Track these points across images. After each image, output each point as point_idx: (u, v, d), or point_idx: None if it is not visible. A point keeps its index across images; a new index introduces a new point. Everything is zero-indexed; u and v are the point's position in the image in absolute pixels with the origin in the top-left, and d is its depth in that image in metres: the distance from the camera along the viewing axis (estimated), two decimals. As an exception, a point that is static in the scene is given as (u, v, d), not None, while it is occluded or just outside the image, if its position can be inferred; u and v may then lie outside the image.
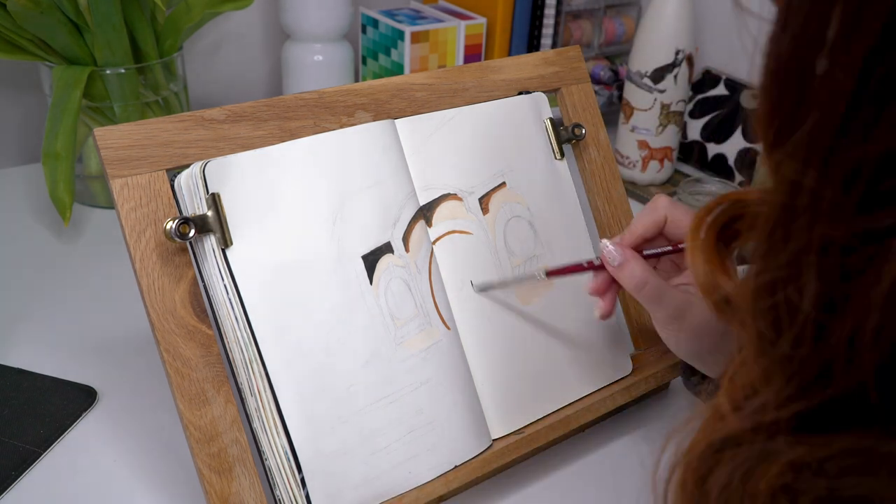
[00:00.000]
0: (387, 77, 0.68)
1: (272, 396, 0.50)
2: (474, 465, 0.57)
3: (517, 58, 0.68)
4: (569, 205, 0.67)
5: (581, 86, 0.70)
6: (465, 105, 0.63)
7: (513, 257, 0.62)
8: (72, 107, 0.81)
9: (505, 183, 0.63)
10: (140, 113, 0.91)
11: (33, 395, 0.66)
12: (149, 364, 0.68)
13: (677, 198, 0.92)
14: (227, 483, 0.50)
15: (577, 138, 0.68)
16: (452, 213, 0.60)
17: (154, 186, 0.50)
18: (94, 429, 0.64)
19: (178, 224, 0.49)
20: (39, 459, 0.60)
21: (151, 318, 0.50)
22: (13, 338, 0.73)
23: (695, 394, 0.59)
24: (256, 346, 0.50)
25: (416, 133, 0.60)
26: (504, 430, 0.60)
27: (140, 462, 0.61)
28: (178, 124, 0.52)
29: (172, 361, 0.50)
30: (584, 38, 1.20)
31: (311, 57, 1.07)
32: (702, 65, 1.20)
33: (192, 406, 0.50)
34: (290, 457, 0.51)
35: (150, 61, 0.90)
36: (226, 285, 0.50)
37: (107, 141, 0.49)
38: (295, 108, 0.56)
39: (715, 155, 1.12)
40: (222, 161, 0.51)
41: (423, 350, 0.56)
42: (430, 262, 0.58)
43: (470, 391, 0.58)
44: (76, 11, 0.82)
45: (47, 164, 0.80)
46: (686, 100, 1.06)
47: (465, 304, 0.59)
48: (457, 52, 1.11)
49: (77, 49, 0.85)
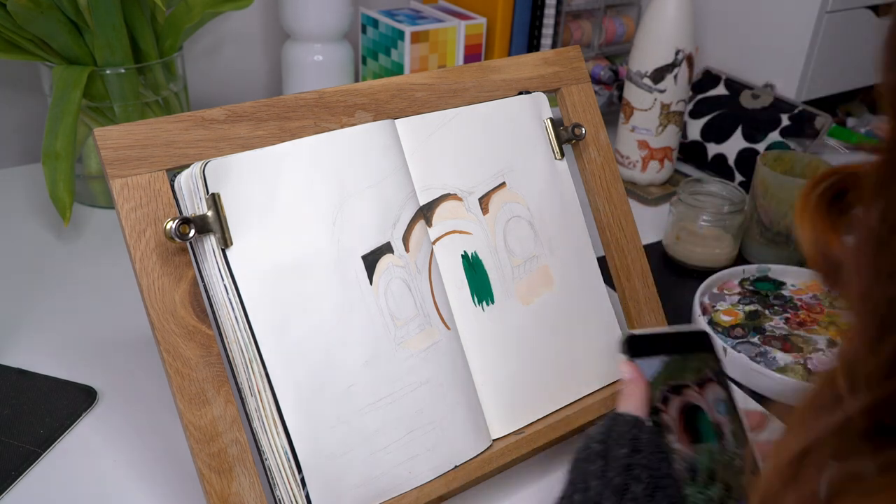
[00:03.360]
0: (387, 77, 0.68)
1: (272, 396, 0.50)
2: (474, 465, 0.57)
3: (517, 58, 0.68)
4: (569, 205, 0.67)
5: (581, 86, 0.70)
6: (465, 105, 0.63)
7: (513, 257, 0.62)
8: (72, 107, 0.81)
9: (505, 183, 0.63)
10: (140, 113, 0.91)
11: (33, 395, 0.66)
12: (149, 364, 0.68)
13: (677, 198, 0.92)
14: (227, 483, 0.50)
15: (577, 138, 0.68)
16: (452, 213, 0.60)
17: (154, 186, 0.50)
18: (94, 429, 0.64)
19: (178, 224, 0.49)
20: (39, 459, 0.60)
21: (151, 318, 0.50)
22: (13, 338, 0.73)
23: None
24: (256, 346, 0.50)
25: (416, 133, 0.60)
26: (504, 430, 0.60)
27: (140, 462, 0.61)
28: (178, 124, 0.52)
29: (172, 361, 0.50)
30: (584, 38, 1.20)
31: (311, 57, 1.07)
32: (702, 65, 1.20)
33: (192, 406, 0.50)
34: (290, 457, 0.51)
35: (150, 61, 0.90)
36: (226, 285, 0.50)
37: (107, 141, 0.49)
38: (295, 108, 0.56)
39: (715, 155, 1.12)
40: (222, 161, 0.51)
41: (423, 350, 0.56)
42: (430, 262, 0.58)
43: (470, 391, 0.58)
44: (76, 11, 0.82)
45: (47, 164, 0.81)
46: (686, 100, 1.06)
47: (465, 304, 0.59)
48: (457, 52, 1.11)
49: (77, 49, 0.85)
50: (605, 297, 0.67)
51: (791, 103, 1.09)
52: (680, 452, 0.52)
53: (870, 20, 1.11)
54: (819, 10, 1.06)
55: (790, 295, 0.85)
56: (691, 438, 0.53)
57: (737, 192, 0.92)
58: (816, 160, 0.93)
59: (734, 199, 0.92)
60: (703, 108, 1.14)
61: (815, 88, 1.13)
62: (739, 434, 0.55)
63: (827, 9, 1.07)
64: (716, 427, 0.55)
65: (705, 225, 0.90)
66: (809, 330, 0.79)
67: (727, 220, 0.90)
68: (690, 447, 0.53)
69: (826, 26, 1.07)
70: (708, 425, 0.55)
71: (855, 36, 1.11)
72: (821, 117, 1.06)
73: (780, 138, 1.06)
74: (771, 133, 1.07)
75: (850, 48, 1.12)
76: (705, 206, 0.91)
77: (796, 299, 0.84)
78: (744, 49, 1.16)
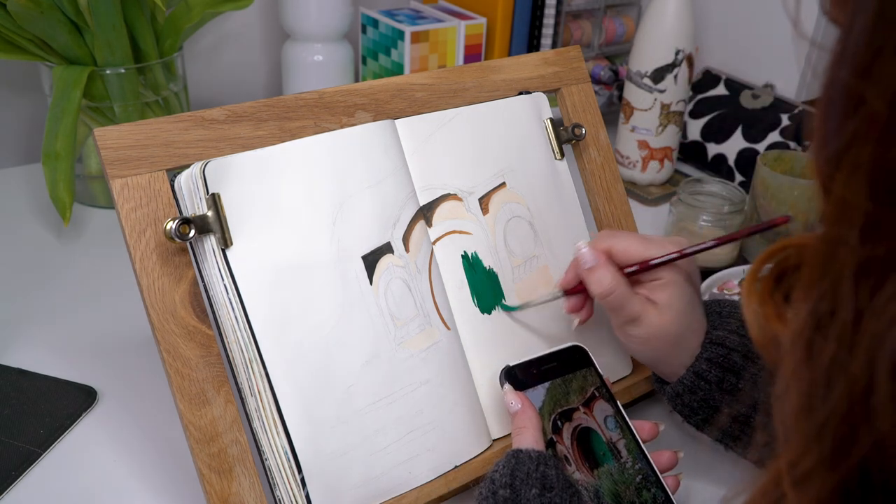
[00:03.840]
0: (387, 77, 0.68)
1: (272, 396, 0.50)
2: (474, 465, 0.57)
3: (517, 58, 0.68)
4: (569, 205, 0.67)
5: (581, 86, 0.70)
6: (465, 105, 0.63)
7: (513, 257, 0.62)
8: (72, 107, 0.81)
9: (505, 183, 0.63)
10: (140, 113, 0.91)
11: (33, 395, 0.66)
12: (149, 364, 0.68)
13: (677, 198, 0.92)
14: (227, 483, 0.50)
15: (577, 138, 0.68)
16: (452, 214, 0.60)
17: (154, 186, 0.50)
18: (94, 429, 0.64)
19: (178, 224, 0.49)
20: (39, 459, 0.60)
21: (151, 318, 0.50)
22: (13, 338, 0.73)
23: (659, 391, 0.61)
24: (256, 347, 0.50)
25: (416, 133, 0.60)
26: (504, 430, 0.60)
27: (140, 462, 0.61)
28: (178, 124, 0.52)
29: (172, 361, 0.50)
30: (584, 38, 1.20)
31: (311, 57, 1.07)
32: (702, 65, 1.20)
33: (192, 406, 0.50)
34: (290, 457, 0.51)
35: (150, 61, 0.90)
36: (226, 285, 0.50)
37: (107, 141, 0.49)
38: (295, 108, 0.56)
39: (715, 155, 1.12)
40: (222, 161, 0.51)
41: (423, 350, 0.56)
42: (430, 262, 0.58)
43: (470, 391, 0.58)
44: (76, 11, 0.82)
45: (47, 164, 0.80)
46: (686, 100, 1.06)
47: (465, 304, 0.59)
48: (457, 52, 1.11)
49: (77, 49, 0.85)
50: (605, 297, 0.67)
51: (791, 103, 1.09)
52: (582, 482, 0.52)
53: (870, 20, 1.11)
54: (819, 10, 1.06)
55: (790, 295, 0.85)
56: (590, 464, 0.53)
57: (737, 192, 0.92)
58: (816, 160, 0.92)
59: (734, 199, 0.92)
60: (703, 108, 1.14)
61: (816, 88, 1.13)
62: (633, 447, 0.55)
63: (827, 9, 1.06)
64: (610, 446, 0.55)
65: (705, 225, 0.90)
66: (809, 330, 0.79)
67: (727, 220, 0.90)
68: (590, 473, 0.53)
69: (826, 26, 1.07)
70: (603, 446, 0.54)
71: (855, 36, 1.11)
72: (821, 117, 1.06)
73: (781, 138, 1.06)
74: (771, 133, 1.07)
75: (850, 48, 1.12)
76: (705, 206, 0.91)
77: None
78: (744, 49, 1.16)
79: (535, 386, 0.55)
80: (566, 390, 0.56)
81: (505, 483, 0.48)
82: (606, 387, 0.57)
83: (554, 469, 0.49)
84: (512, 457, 0.49)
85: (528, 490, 0.47)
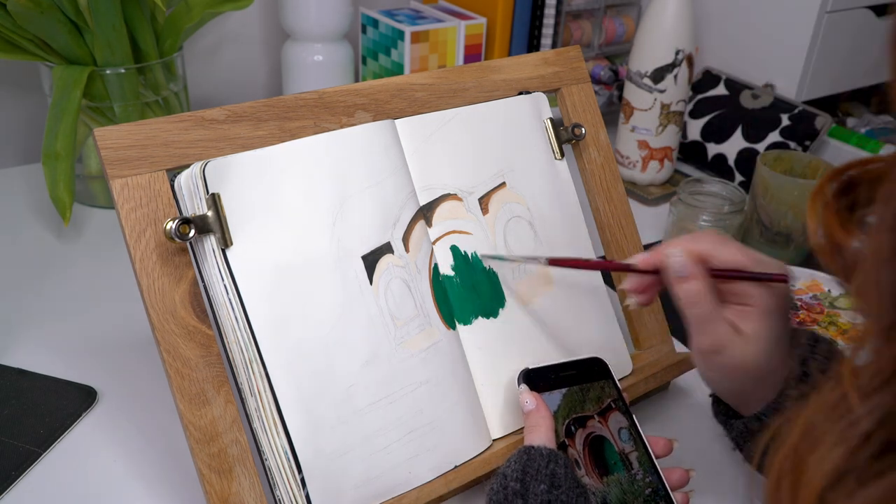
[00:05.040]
0: (387, 77, 0.68)
1: (272, 396, 0.50)
2: (474, 465, 0.57)
3: (517, 58, 0.68)
4: (569, 205, 0.67)
5: (581, 86, 0.70)
6: (465, 105, 0.63)
7: (513, 257, 0.62)
8: (72, 107, 0.81)
9: (505, 183, 0.63)
10: (140, 113, 0.91)
11: (33, 395, 0.66)
12: (149, 364, 0.68)
13: (677, 198, 0.92)
14: (227, 483, 0.50)
15: (577, 138, 0.68)
16: (452, 214, 0.60)
17: (154, 186, 0.50)
18: (94, 429, 0.64)
19: (178, 224, 0.49)
20: (39, 459, 0.60)
21: (151, 319, 0.50)
22: (13, 338, 0.73)
23: (722, 424, 0.57)
24: (256, 347, 0.50)
25: (416, 133, 0.60)
26: (504, 431, 0.60)
27: (140, 462, 0.61)
28: (178, 124, 0.52)
29: (172, 361, 0.50)
30: (584, 38, 1.20)
31: (311, 57, 1.07)
32: (702, 65, 1.20)
33: (192, 406, 0.50)
34: (290, 457, 0.51)
35: (150, 61, 0.90)
36: (226, 285, 0.50)
37: (107, 141, 0.49)
38: (295, 108, 0.56)
39: (715, 155, 1.12)
40: (222, 161, 0.51)
41: (423, 350, 0.56)
42: (430, 262, 0.58)
43: (470, 391, 0.58)
44: (76, 11, 0.82)
45: (47, 164, 0.81)
46: (686, 100, 1.06)
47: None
48: (457, 52, 1.11)
49: (77, 49, 0.85)
50: (606, 297, 0.67)
51: (791, 103, 1.09)
52: (590, 487, 0.52)
53: (870, 20, 1.11)
54: (819, 10, 1.06)
55: (790, 295, 0.85)
56: (600, 471, 0.53)
57: (737, 192, 0.92)
58: (816, 160, 0.93)
59: (734, 199, 0.92)
60: (703, 108, 1.14)
61: (815, 88, 1.13)
62: (645, 460, 0.55)
63: (827, 9, 1.06)
64: (622, 456, 0.55)
65: (705, 225, 0.90)
66: (809, 330, 0.79)
67: (727, 220, 0.90)
68: (599, 480, 0.53)
69: (826, 26, 1.07)
70: (615, 455, 0.55)
71: (855, 36, 1.11)
72: (821, 117, 1.06)
73: (781, 138, 1.06)
74: (771, 133, 1.07)
75: (850, 48, 1.12)
76: (705, 206, 0.91)
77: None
78: (744, 49, 1.16)
79: (551, 391, 0.56)
80: (582, 398, 0.56)
81: (516, 477, 0.49)
82: (623, 400, 0.58)
83: (563, 468, 0.49)
84: (524, 452, 0.50)
85: (538, 485, 0.48)
